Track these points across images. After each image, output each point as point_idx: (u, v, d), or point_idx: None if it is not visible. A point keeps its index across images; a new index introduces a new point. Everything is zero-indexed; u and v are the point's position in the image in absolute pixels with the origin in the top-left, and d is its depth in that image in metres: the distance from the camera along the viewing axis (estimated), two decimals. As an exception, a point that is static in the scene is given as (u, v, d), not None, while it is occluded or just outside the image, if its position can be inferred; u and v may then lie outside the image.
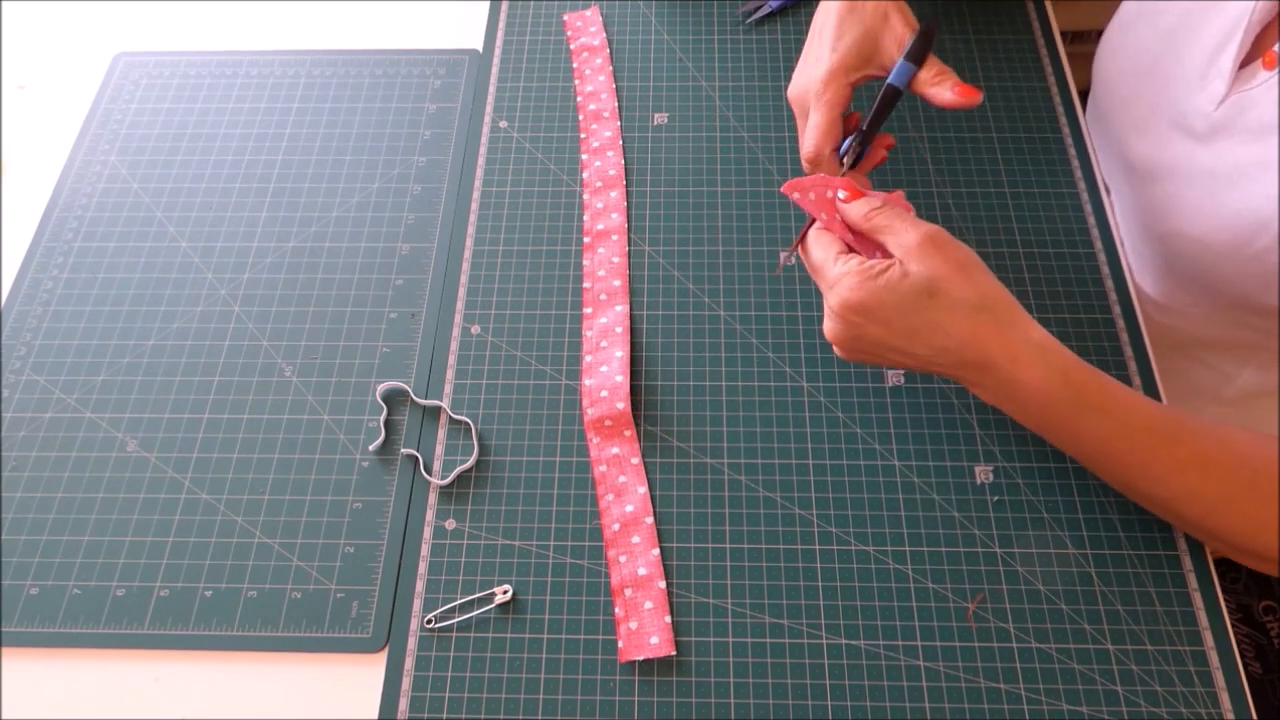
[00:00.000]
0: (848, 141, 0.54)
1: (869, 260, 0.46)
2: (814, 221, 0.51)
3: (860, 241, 0.50)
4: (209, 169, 0.69)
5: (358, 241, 0.65)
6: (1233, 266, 0.53)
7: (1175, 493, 0.48)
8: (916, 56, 0.53)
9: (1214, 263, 0.54)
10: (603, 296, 0.62)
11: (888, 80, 0.53)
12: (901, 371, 0.58)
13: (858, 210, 0.48)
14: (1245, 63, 0.52)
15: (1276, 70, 0.50)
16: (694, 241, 0.64)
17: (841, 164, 0.54)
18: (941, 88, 0.52)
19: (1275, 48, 0.50)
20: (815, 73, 0.54)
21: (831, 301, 0.47)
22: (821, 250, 0.48)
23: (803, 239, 0.51)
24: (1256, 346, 0.60)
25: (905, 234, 0.46)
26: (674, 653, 0.50)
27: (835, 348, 0.50)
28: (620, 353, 0.59)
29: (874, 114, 0.53)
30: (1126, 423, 0.46)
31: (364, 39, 0.77)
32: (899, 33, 0.54)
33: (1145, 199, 0.61)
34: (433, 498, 0.55)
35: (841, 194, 0.50)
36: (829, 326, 0.48)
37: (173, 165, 0.70)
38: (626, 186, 0.67)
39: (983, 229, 0.64)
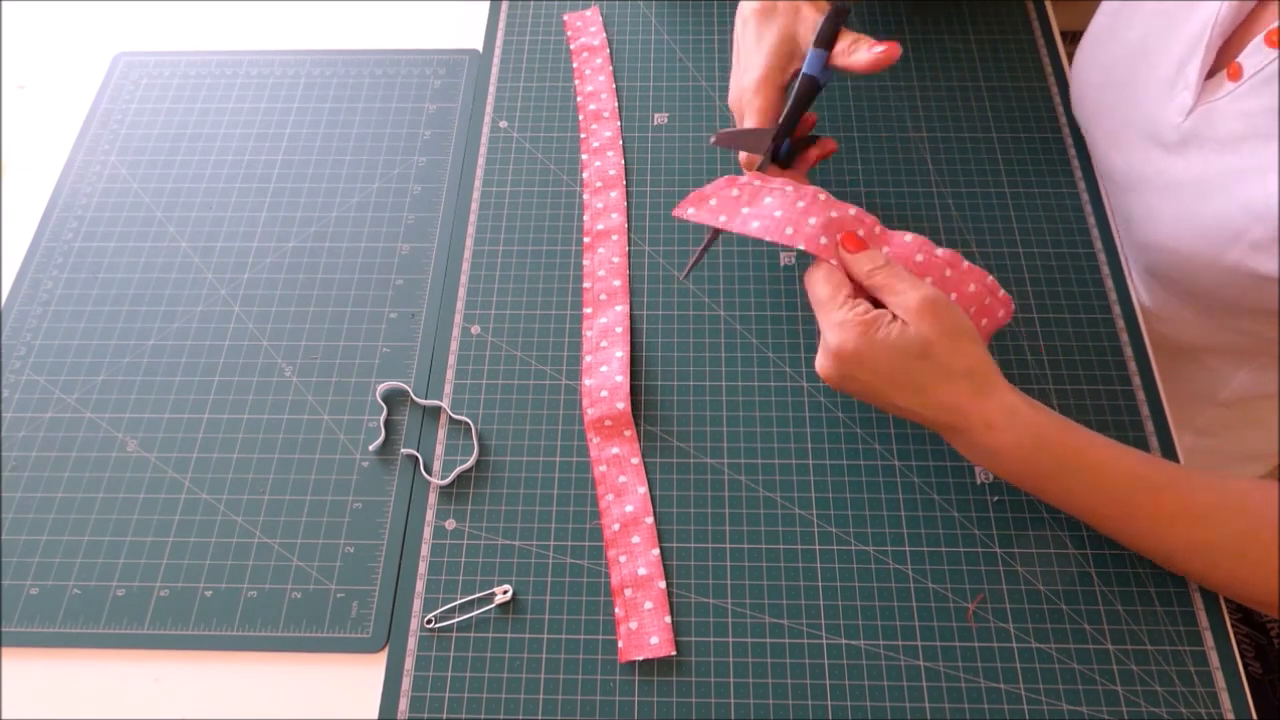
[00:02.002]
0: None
1: (873, 310, 0.47)
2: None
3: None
4: (209, 169, 0.69)
5: (358, 241, 0.65)
6: (1211, 275, 0.53)
7: (1173, 546, 0.47)
8: (825, 40, 0.53)
9: (1194, 272, 0.55)
10: (603, 296, 0.62)
11: (802, 70, 0.53)
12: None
13: (861, 266, 0.48)
14: (1211, 73, 0.52)
15: (1240, 81, 0.50)
16: (694, 241, 0.64)
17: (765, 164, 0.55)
18: (857, 54, 0.52)
19: (1239, 59, 0.50)
20: (745, 81, 0.55)
21: (830, 341, 0.47)
22: (830, 288, 0.48)
23: (706, 246, 0.54)
24: (1250, 351, 0.60)
25: (905, 295, 0.46)
26: (674, 653, 0.50)
27: (822, 377, 0.50)
28: (620, 353, 0.59)
29: (790, 107, 0.53)
30: (1106, 477, 0.46)
31: (364, 39, 0.77)
32: (811, 21, 0.54)
33: (1125, 210, 0.61)
34: (433, 498, 0.55)
35: (853, 245, 0.50)
36: (822, 363, 0.49)
37: (173, 165, 0.70)
38: (626, 186, 0.67)
39: (983, 229, 0.64)
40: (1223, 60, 0.52)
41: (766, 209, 0.51)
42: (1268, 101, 0.48)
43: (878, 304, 0.48)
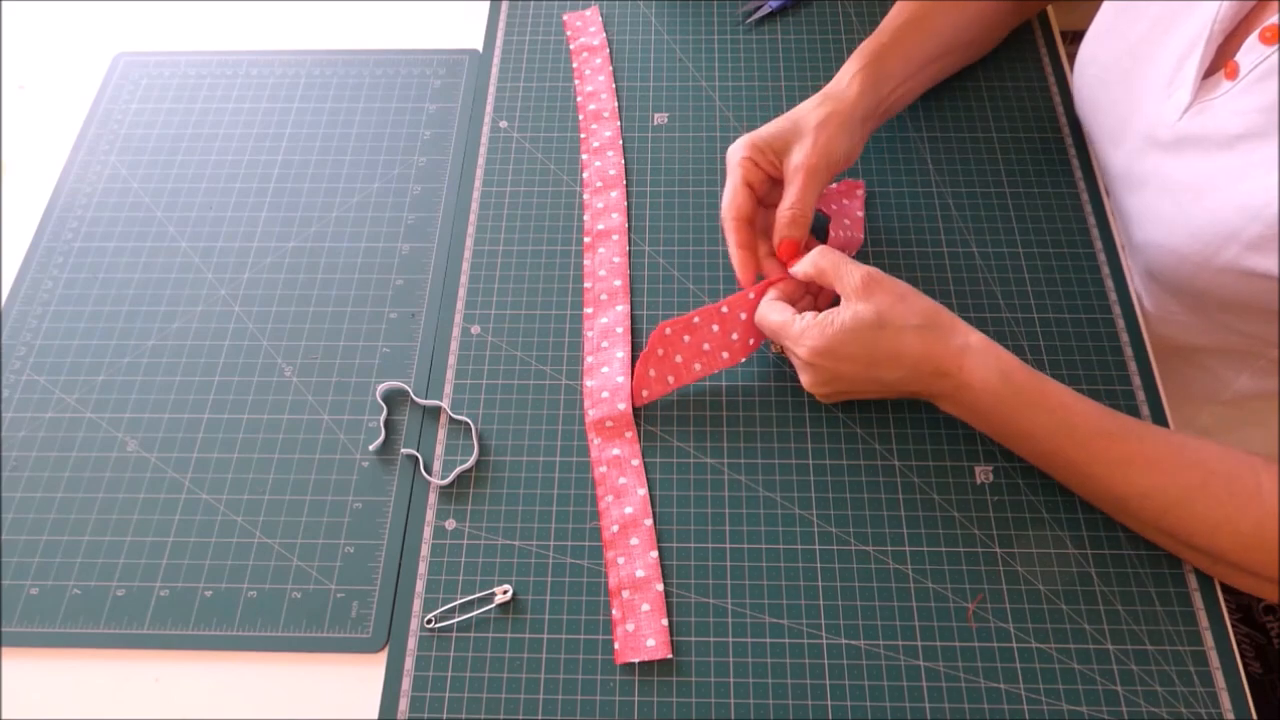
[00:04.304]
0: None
1: (822, 312, 0.51)
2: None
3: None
4: (209, 169, 0.69)
5: (358, 241, 0.65)
6: (1206, 275, 0.54)
7: (1125, 491, 0.49)
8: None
9: (1190, 273, 0.55)
10: (603, 296, 0.62)
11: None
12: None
13: (805, 267, 0.54)
14: (1209, 72, 0.52)
15: (1237, 80, 0.50)
16: (694, 241, 0.64)
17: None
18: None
19: (1236, 57, 0.50)
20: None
21: (800, 353, 0.51)
22: (778, 313, 0.53)
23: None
24: (1250, 354, 0.60)
25: (849, 276, 0.51)
26: (670, 655, 0.50)
27: (814, 393, 0.54)
28: (621, 353, 0.59)
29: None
30: (1067, 420, 0.49)
31: (364, 39, 0.77)
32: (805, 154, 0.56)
33: (1123, 208, 0.61)
34: (433, 498, 0.55)
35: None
36: (805, 378, 0.53)
37: (173, 165, 0.70)
38: (626, 186, 0.67)
39: (983, 229, 0.64)
40: (1220, 60, 0.52)
41: (693, 347, 0.56)
42: (1263, 99, 0.48)
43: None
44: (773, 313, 0.53)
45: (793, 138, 0.57)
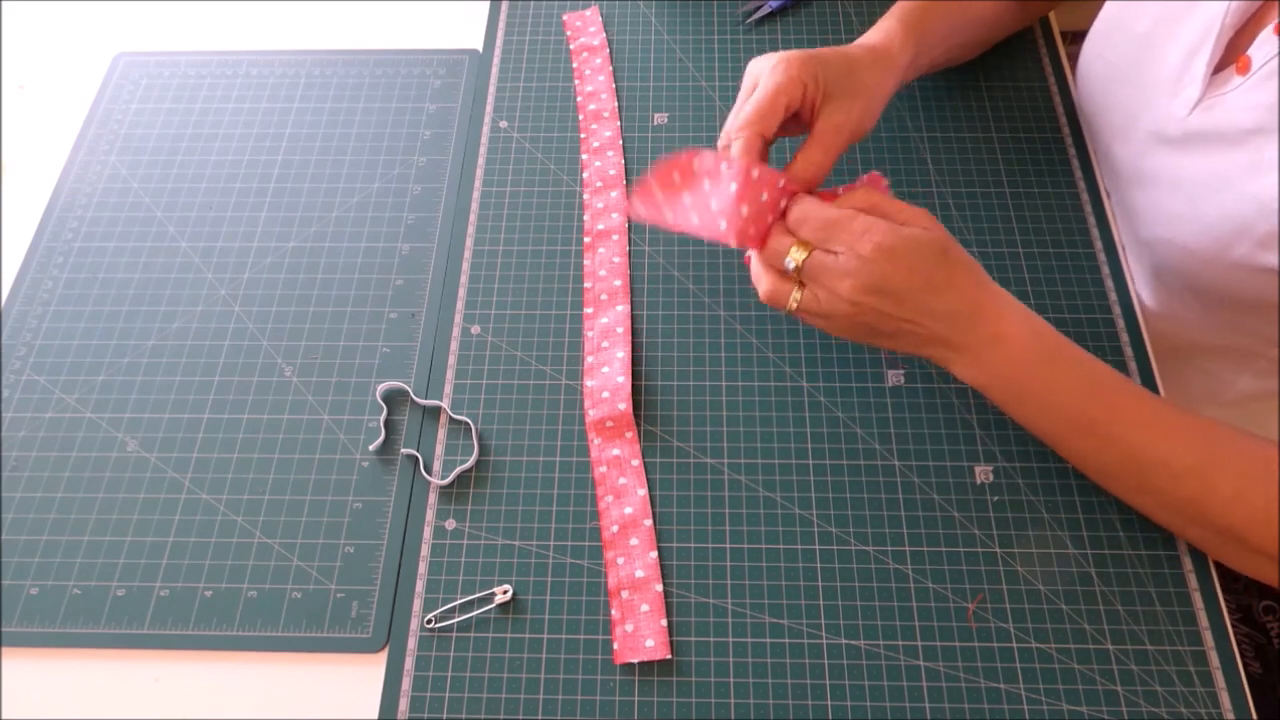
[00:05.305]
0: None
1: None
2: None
3: None
4: (209, 169, 0.69)
5: (358, 241, 0.65)
6: (1215, 272, 0.53)
7: (1143, 454, 0.48)
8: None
9: (1198, 269, 0.55)
10: (603, 296, 0.62)
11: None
12: (902, 371, 0.58)
13: (856, 199, 0.49)
14: (1219, 68, 0.52)
15: (1249, 74, 0.50)
16: (694, 241, 0.64)
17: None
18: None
19: (1248, 51, 0.50)
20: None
21: (864, 248, 0.46)
22: (836, 209, 0.48)
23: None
24: (1252, 354, 0.60)
25: (909, 211, 0.48)
26: (669, 656, 0.50)
27: (843, 305, 0.48)
28: (622, 353, 0.59)
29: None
30: (1093, 376, 0.49)
31: (364, 39, 0.77)
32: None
33: (1130, 205, 0.61)
34: (433, 498, 0.55)
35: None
36: (849, 283, 0.47)
37: (173, 165, 0.70)
38: (626, 186, 0.67)
39: (983, 229, 0.64)
40: (1230, 55, 0.52)
41: (705, 199, 0.50)
42: (1276, 94, 0.48)
43: None
44: (822, 209, 0.48)
45: (842, 88, 0.53)
